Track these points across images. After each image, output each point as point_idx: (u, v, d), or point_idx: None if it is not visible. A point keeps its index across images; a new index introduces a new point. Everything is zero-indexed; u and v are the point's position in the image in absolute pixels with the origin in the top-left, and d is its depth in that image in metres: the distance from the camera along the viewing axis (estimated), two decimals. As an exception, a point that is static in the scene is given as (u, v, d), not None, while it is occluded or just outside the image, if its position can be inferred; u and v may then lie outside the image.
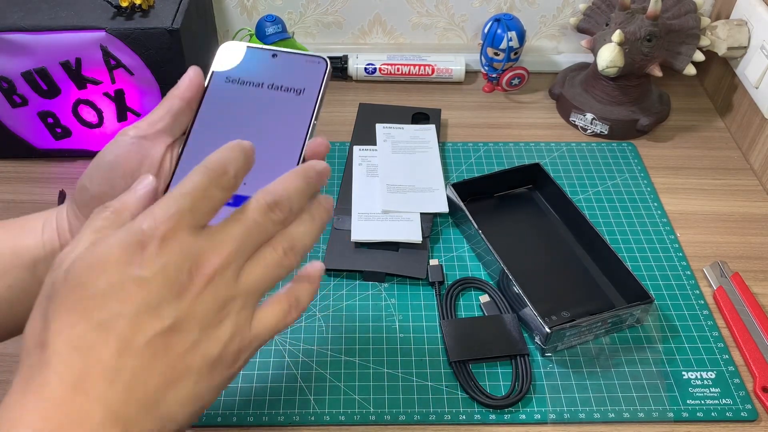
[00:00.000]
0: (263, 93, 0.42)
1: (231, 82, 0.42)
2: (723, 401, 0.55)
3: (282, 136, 0.41)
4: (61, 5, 0.70)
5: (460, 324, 0.59)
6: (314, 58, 0.43)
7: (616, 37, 0.73)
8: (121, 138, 0.39)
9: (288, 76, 0.42)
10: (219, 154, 0.34)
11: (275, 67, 0.43)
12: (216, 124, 0.41)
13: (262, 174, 0.39)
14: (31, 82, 0.69)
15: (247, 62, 0.43)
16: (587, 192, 0.74)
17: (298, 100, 0.42)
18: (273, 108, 0.42)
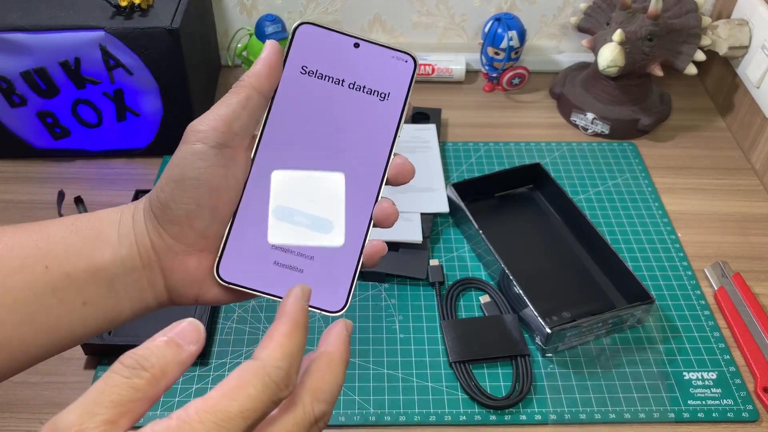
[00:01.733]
0: (344, 93, 0.37)
1: (308, 74, 0.37)
2: (724, 402, 0.55)
3: (365, 150, 0.37)
4: (61, 5, 0.69)
5: (461, 324, 0.59)
6: (401, 55, 0.37)
7: (617, 37, 0.73)
8: (198, 147, 0.34)
9: (371, 74, 0.37)
10: (283, 349, 0.30)
11: (357, 60, 0.37)
12: (291, 130, 0.37)
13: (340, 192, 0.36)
14: (30, 82, 0.69)
15: (325, 50, 0.37)
16: (588, 192, 0.74)
17: (382, 107, 0.37)
18: (355, 114, 0.37)
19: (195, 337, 0.29)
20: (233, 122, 0.35)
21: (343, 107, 0.37)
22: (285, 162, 0.37)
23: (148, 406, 0.28)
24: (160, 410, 0.54)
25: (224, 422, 0.27)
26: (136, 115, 0.73)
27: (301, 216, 0.36)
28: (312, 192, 0.36)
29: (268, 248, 0.36)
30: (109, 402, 0.27)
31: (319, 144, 0.37)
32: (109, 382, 0.28)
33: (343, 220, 0.36)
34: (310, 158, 0.37)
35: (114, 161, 0.76)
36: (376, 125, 0.37)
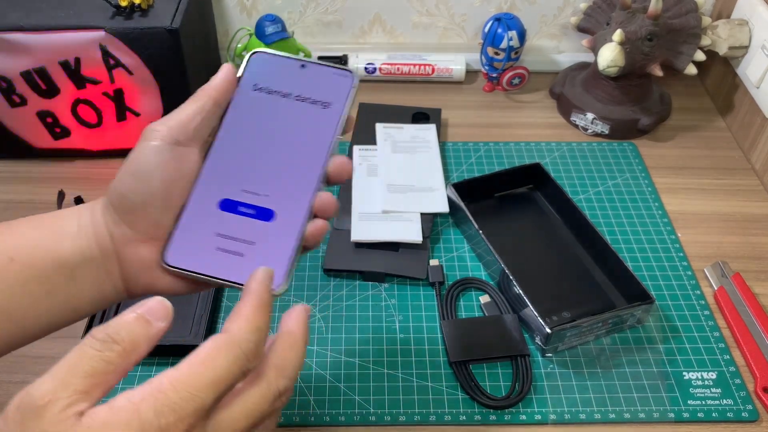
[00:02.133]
0: (289, 103, 0.42)
1: (258, 90, 0.42)
2: (724, 402, 0.55)
3: (305, 149, 0.41)
4: (61, 5, 0.69)
5: (461, 324, 0.59)
6: (341, 71, 0.43)
7: (617, 37, 0.73)
8: (154, 143, 0.38)
9: (315, 88, 0.43)
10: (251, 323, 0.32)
11: (303, 77, 0.43)
12: (242, 133, 0.42)
13: (283, 186, 0.40)
14: (30, 82, 0.69)
15: (275, 71, 0.43)
16: (588, 192, 0.74)
17: (323, 113, 0.42)
18: (298, 119, 0.42)
19: (163, 314, 0.31)
20: (188, 124, 0.39)
21: (288, 113, 0.42)
22: (234, 160, 0.41)
23: (119, 378, 0.30)
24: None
25: (197, 390, 0.29)
26: (137, 115, 0.73)
27: (244, 207, 0.40)
28: (256, 185, 0.40)
29: (212, 236, 0.39)
30: (82, 373, 0.28)
31: (266, 143, 0.41)
32: (82, 354, 0.29)
33: (283, 213, 0.40)
34: (257, 156, 0.41)
35: (114, 161, 0.76)
36: (317, 127, 0.42)
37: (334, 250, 0.65)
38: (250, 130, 0.42)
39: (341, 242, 0.65)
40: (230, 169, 0.41)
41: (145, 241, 0.39)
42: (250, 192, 0.40)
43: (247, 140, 0.41)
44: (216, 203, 0.40)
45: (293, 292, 0.63)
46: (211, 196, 0.40)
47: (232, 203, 0.40)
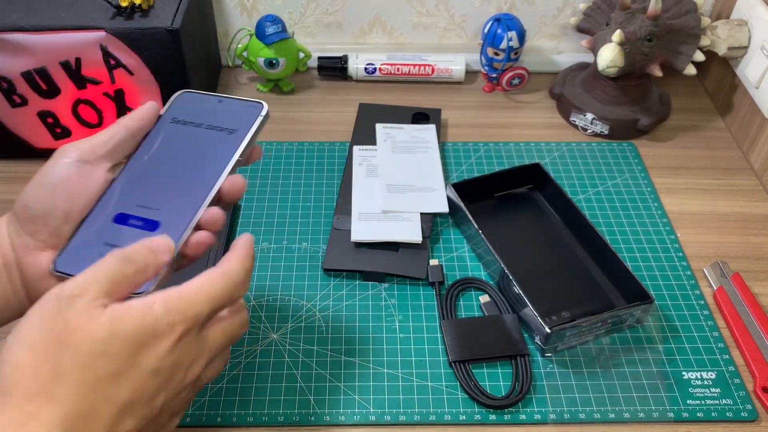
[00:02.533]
0: (199, 132, 0.47)
1: (175, 122, 0.47)
2: (723, 401, 0.55)
3: (204, 169, 0.45)
4: (61, 5, 0.70)
5: (460, 324, 0.59)
6: (253, 103, 0.48)
7: (617, 37, 0.73)
8: (63, 160, 0.42)
9: (226, 118, 0.47)
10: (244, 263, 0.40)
11: (218, 110, 0.48)
12: (151, 157, 0.46)
13: (174, 202, 0.44)
14: (30, 82, 0.69)
15: (194, 106, 0.48)
16: (587, 192, 0.74)
17: (228, 138, 0.46)
18: (204, 145, 0.46)
19: (166, 248, 0.39)
20: (98, 147, 0.43)
21: (196, 140, 0.46)
22: (138, 179, 0.45)
23: (131, 291, 0.37)
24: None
25: (198, 302, 0.37)
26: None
27: (134, 219, 0.43)
28: (150, 200, 0.44)
29: (100, 245, 0.42)
30: (105, 279, 0.36)
31: (169, 164, 0.45)
32: (104, 266, 0.37)
33: (168, 222, 0.43)
34: (161, 175, 0.45)
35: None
36: (218, 150, 0.46)
37: (334, 250, 0.65)
38: (158, 155, 0.46)
39: (341, 242, 0.66)
40: (131, 187, 0.44)
41: (44, 250, 0.42)
42: (144, 207, 0.43)
43: (153, 163, 0.45)
44: (111, 217, 0.43)
45: (293, 292, 0.63)
46: (109, 210, 0.43)
47: (124, 216, 0.43)
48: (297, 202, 0.72)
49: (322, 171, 0.76)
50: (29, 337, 0.35)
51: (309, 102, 0.86)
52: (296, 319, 0.61)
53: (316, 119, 0.83)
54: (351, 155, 0.75)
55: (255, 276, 0.64)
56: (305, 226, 0.69)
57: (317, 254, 0.66)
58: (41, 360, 0.34)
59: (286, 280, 0.64)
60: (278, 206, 0.71)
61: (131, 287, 0.37)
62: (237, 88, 0.88)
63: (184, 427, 0.53)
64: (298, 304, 0.62)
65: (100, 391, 0.34)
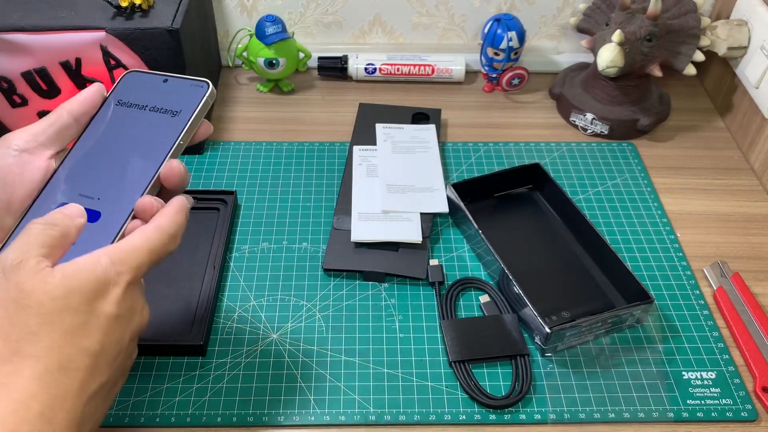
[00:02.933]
0: (143, 114, 0.46)
1: (120, 104, 0.46)
2: (723, 401, 0.55)
3: (146, 153, 0.44)
4: (61, 5, 0.70)
5: (460, 324, 0.59)
6: (198, 82, 0.46)
7: (616, 37, 0.73)
8: (3, 151, 0.42)
9: (171, 99, 0.46)
10: (175, 218, 0.42)
11: (163, 91, 0.46)
12: (94, 143, 0.45)
13: (115, 190, 0.43)
14: (30, 82, 0.69)
15: (140, 87, 0.47)
16: (587, 192, 0.74)
17: (171, 120, 0.45)
18: (147, 128, 0.45)
19: (78, 212, 0.41)
20: (38, 135, 0.43)
21: (140, 123, 0.45)
22: (80, 167, 0.44)
23: (62, 253, 0.39)
24: (161, 409, 0.54)
25: (139, 254, 0.40)
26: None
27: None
28: (91, 189, 0.44)
29: None
30: (37, 243, 0.37)
31: (111, 150, 0.45)
32: (33, 233, 0.38)
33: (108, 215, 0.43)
34: (104, 163, 0.44)
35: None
36: (161, 134, 0.45)
37: (334, 250, 0.65)
38: (102, 140, 0.45)
39: (341, 242, 0.66)
40: (74, 175, 0.44)
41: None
42: (85, 196, 0.43)
43: (96, 149, 0.45)
44: (54, 207, 0.42)
45: (293, 292, 0.63)
46: (51, 200, 0.43)
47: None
48: (297, 202, 0.72)
49: (322, 171, 0.76)
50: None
51: (309, 102, 0.86)
52: (296, 319, 0.61)
53: (316, 119, 0.83)
54: (351, 155, 0.75)
55: (255, 276, 0.64)
56: (305, 226, 0.69)
57: (317, 254, 0.66)
58: (7, 324, 0.35)
59: (286, 280, 0.64)
60: (278, 206, 0.71)
61: (62, 250, 0.39)
62: (237, 88, 0.88)
63: (185, 426, 0.53)
64: (298, 304, 0.62)
65: (73, 344, 0.36)
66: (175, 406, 0.54)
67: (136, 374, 0.56)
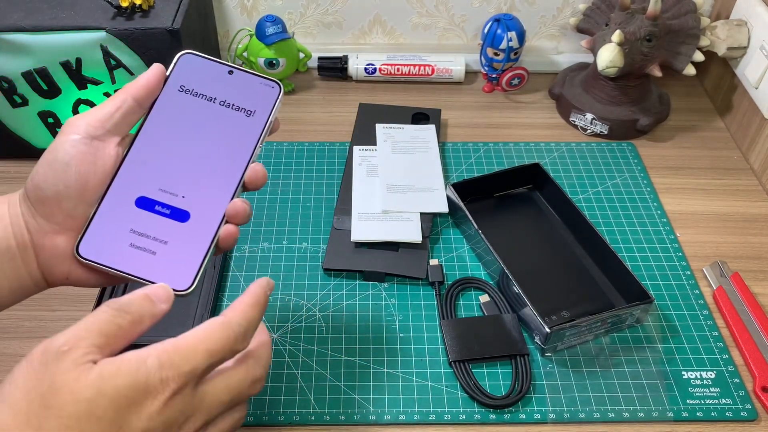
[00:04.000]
0: (214, 108, 0.43)
1: (184, 91, 0.43)
2: (723, 401, 0.55)
3: (226, 156, 0.42)
4: (61, 5, 0.70)
5: (460, 324, 0.59)
6: (268, 82, 0.44)
7: (616, 38, 0.73)
8: (71, 137, 0.40)
9: (241, 95, 0.44)
10: (249, 313, 0.38)
11: (230, 84, 0.44)
12: (164, 133, 0.43)
13: (201, 190, 0.41)
14: (31, 82, 0.69)
15: (203, 74, 0.44)
16: (587, 192, 0.74)
17: (247, 121, 0.43)
18: (222, 125, 0.43)
19: (165, 297, 0.37)
20: (106, 120, 0.40)
21: (213, 119, 0.43)
22: (154, 159, 0.42)
23: (125, 344, 0.35)
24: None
25: (194, 355, 0.34)
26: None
27: (160, 206, 0.41)
28: (173, 185, 0.42)
29: (126, 231, 0.41)
30: (97, 332, 0.34)
31: (187, 146, 0.42)
32: (98, 318, 0.34)
33: (199, 216, 0.41)
34: (178, 158, 0.42)
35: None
36: (239, 135, 0.43)
37: (334, 250, 0.65)
38: (172, 130, 0.43)
39: (341, 242, 0.66)
40: (149, 167, 0.42)
41: (61, 232, 0.40)
42: (167, 192, 0.41)
43: (168, 140, 0.42)
44: (132, 200, 0.41)
45: (293, 292, 0.63)
46: (128, 192, 0.41)
47: (148, 201, 0.41)
48: (297, 202, 0.72)
49: (322, 171, 0.76)
50: (12, 396, 0.32)
51: (309, 102, 0.86)
52: (296, 319, 0.61)
53: (316, 119, 0.83)
54: (351, 155, 0.75)
55: (255, 276, 0.64)
56: (305, 226, 0.69)
57: (317, 254, 0.66)
58: (24, 423, 0.32)
59: (286, 280, 0.64)
60: (278, 206, 0.71)
61: (126, 340, 0.35)
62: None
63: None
64: (298, 304, 0.62)
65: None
66: (175, 406, 0.54)
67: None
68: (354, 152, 0.75)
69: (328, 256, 0.64)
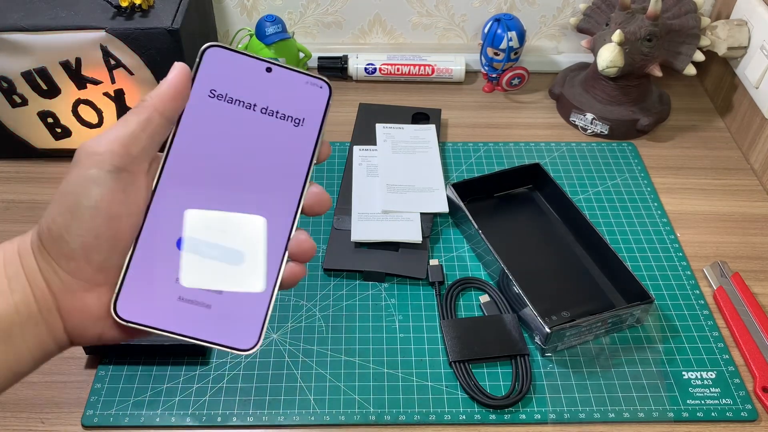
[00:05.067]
0: (255, 117, 0.35)
1: (216, 97, 0.35)
2: (723, 401, 0.55)
3: (277, 178, 0.35)
4: (61, 5, 0.70)
5: (460, 324, 0.59)
6: (316, 81, 0.36)
7: (616, 37, 0.73)
8: (96, 174, 0.31)
9: (285, 99, 0.35)
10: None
11: (270, 84, 0.36)
12: (198, 153, 0.34)
13: (251, 221, 0.34)
14: (30, 82, 0.69)
15: (235, 74, 0.35)
16: (587, 192, 0.74)
17: (296, 133, 0.35)
18: (267, 139, 0.35)
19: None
20: (131, 145, 0.32)
21: (255, 132, 0.35)
22: (191, 189, 0.34)
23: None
24: (161, 409, 0.54)
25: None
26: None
27: (209, 247, 0.34)
28: (222, 223, 0.34)
29: (170, 282, 0.33)
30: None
31: (228, 170, 0.34)
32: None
33: (256, 255, 0.34)
34: (219, 186, 0.34)
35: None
36: (290, 152, 0.35)
37: (334, 250, 0.65)
38: (209, 150, 0.34)
39: (341, 242, 0.66)
40: (186, 199, 0.34)
41: (91, 290, 0.33)
42: (213, 229, 0.34)
43: (204, 161, 0.34)
44: (172, 241, 0.33)
45: (293, 292, 0.63)
46: (166, 232, 0.33)
47: (191, 241, 0.34)
48: (297, 202, 0.72)
49: (322, 171, 0.76)
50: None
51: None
52: (296, 319, 0.61)
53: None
54: (351, 155, 0.75)
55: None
56: (305, 226, 0.69)
57: (317, 254, 0.66)
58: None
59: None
60: (278, 206, 0.71)
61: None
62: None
63: (185, 427, 0.53)
64: (298, 304, 0.62)
65: None
66: (175, 406, 0.54)
67: (136, 375, 0.56)
68: (354, 152, 0.75)
69: (328, 256, 0.64)
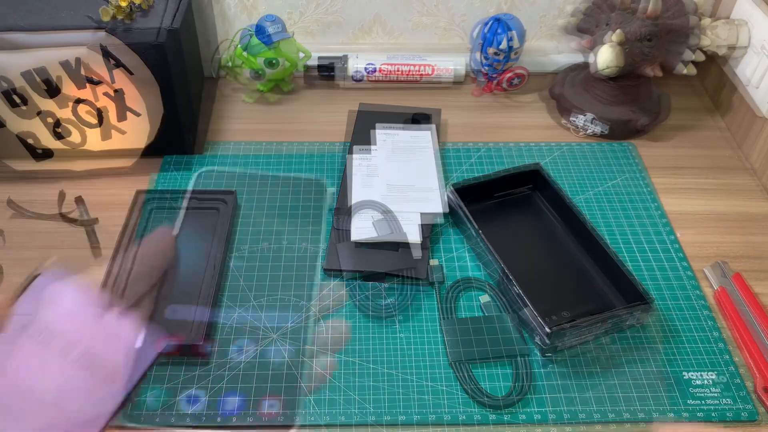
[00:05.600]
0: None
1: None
2: (723, 401, 0.55)
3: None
4: (61, 5, 0.70)
5: (460, 324, 0.59)
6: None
7: (617, 37, 0.73)
8: None
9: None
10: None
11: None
12: None
13: None
14: (30, 82, 0.69)
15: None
16: (587, 192, 0.74)
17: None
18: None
19: None
20: None
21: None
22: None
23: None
24: (161, 409, 0.54)
25: None
26: (137, 115, 0.73)
27: None
28: None
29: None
30: None
31: None
32: None
33: None
34: None
35: (114, 161, 0.76)
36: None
37: (334, 250, 0.65)
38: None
39: (341, 242, 0.66)
40: None
41: None
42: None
43: None
44: None
45: (293, 292, 0.63)
46: None
47: None
48: (297, 202, 0.72)
49: (322, 171, 0.76)
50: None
51: (308, 102, 0.86)
52: (296, 319, 0.61)
53: (316, 119, 0.83)
54: (351, 156, 0.75)
55: (255, 276, 0.64)
56: (305, 226, 0.69)
57: (317, 254, 0.66)
58: None
59: (286, 280, 0.64)
60: (278, 206, 0.71)
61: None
62: (237, 87, 0.88)
63: (184, 427, 0.53)
64: (298, 304, 0.62)
65: None
66: (175, 406, 0.54)
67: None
68: (354, 152, 0.75)
69: (328, 257, 0.64)
